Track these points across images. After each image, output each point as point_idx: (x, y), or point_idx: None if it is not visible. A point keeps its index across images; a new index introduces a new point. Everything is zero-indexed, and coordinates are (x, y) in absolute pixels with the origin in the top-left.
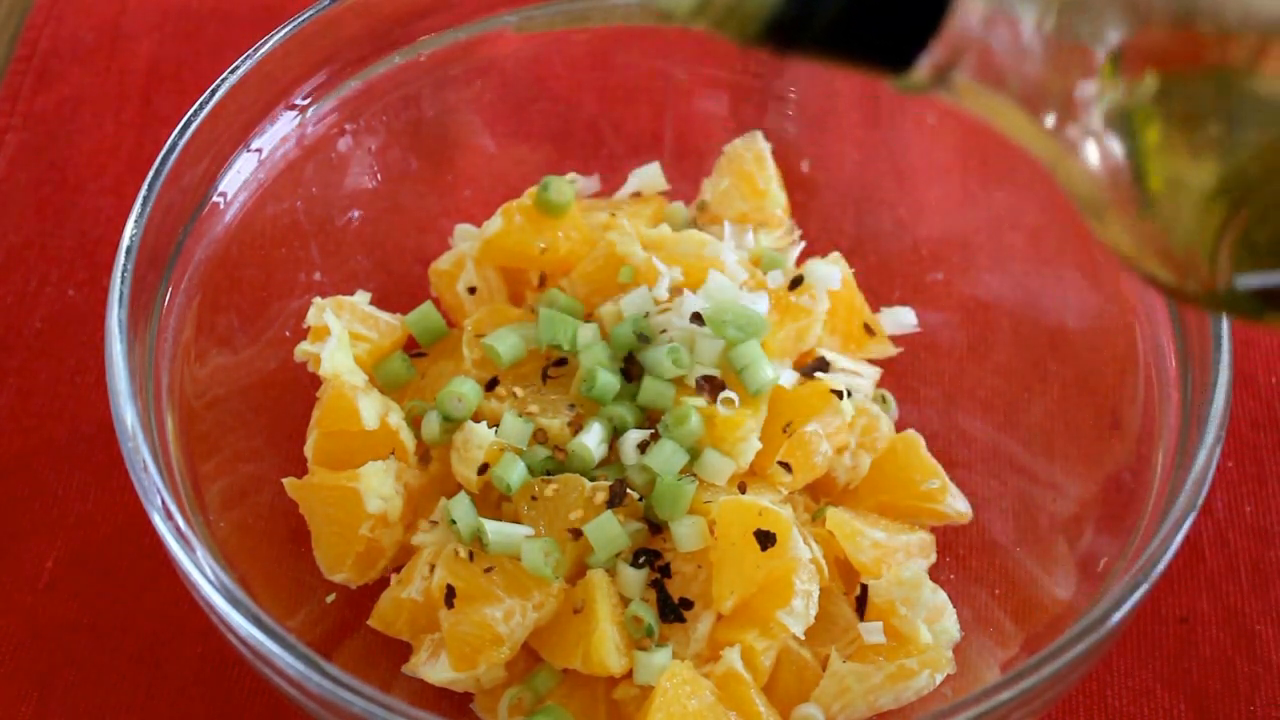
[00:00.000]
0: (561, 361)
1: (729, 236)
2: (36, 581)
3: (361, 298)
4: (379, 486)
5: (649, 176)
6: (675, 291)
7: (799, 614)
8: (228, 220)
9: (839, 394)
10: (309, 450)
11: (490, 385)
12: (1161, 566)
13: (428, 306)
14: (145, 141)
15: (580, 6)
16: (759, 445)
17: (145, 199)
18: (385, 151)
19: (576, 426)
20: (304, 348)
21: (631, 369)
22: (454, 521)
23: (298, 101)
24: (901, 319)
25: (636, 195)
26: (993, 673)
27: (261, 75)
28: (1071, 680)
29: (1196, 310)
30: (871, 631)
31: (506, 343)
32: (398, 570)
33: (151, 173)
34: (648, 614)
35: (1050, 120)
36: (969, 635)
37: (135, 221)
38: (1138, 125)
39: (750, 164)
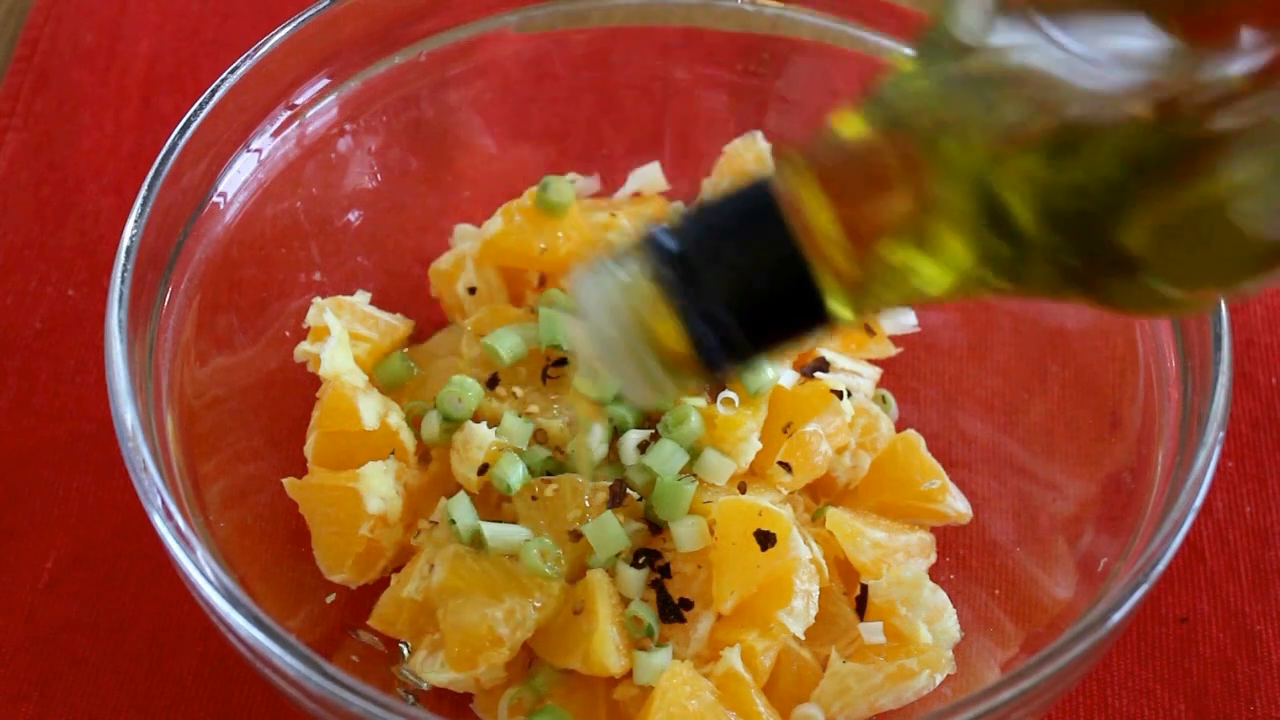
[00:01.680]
0: (561, 361)
1: None
2: (36, 581)
3: (361, 298)
4: (379, 486)
5: (649, 176)
6: None
7: (799, 614)
8: (228, 220)
9: (839, 394)
10: (309, 450)
11: (491, 383)
12: (1161, 566)
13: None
14: (145, 141)
15: (580, 6)
16: (759, 445)
17: (145, 199)
18: (385, 151)
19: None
20: (304, 348)
21: None
22: (454, 521)
23: (298, 101)
24: (901, 319)
25: (636, 195)
26: (993, 673)
27: (261, 75)
28: (1071, 680)
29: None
30: (871, 631)
31: (506, 343)
32: (398, 570)
33: (151, 173)
34: (648, 614)
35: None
36: (969, 635)
37: (135, 221)
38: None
39: (750, 164)
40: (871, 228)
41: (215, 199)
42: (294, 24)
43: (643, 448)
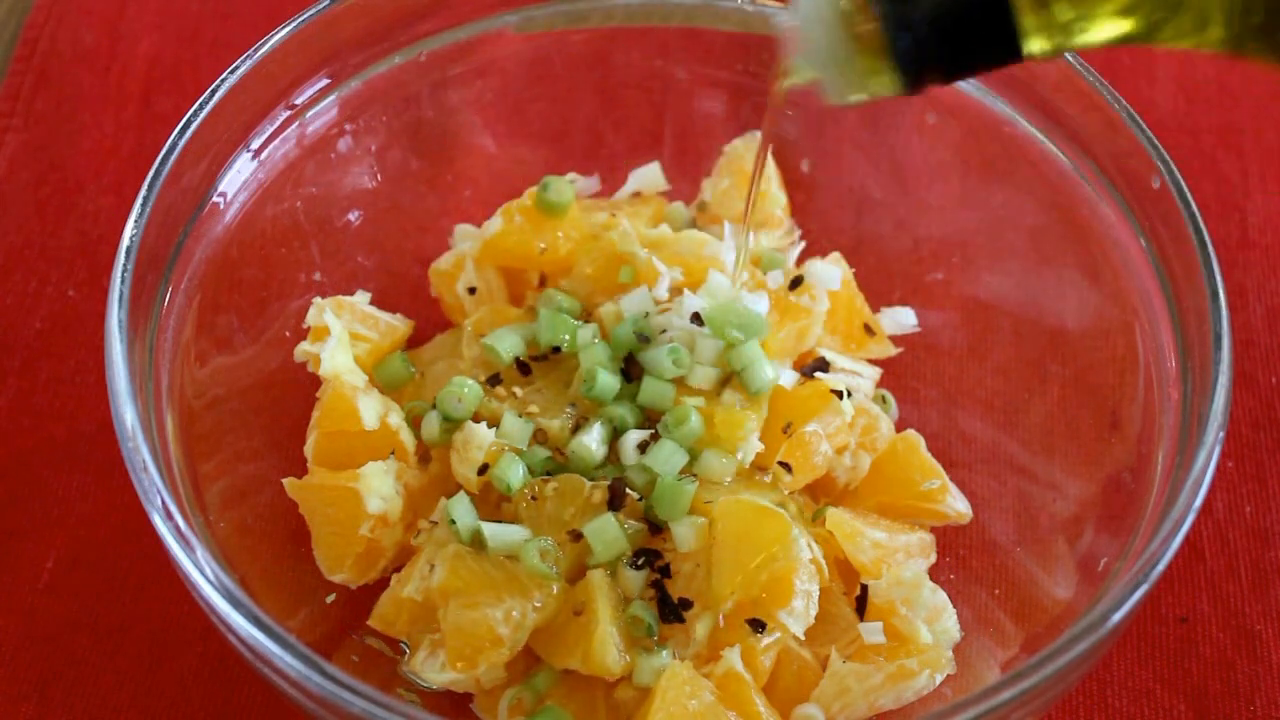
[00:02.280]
0: (555, 350)
1: (729, 236)
2: (36, 582)
3: (361, 298)
4: (379, 486)
5: (649, 176)
6: (675, 291)
7: (799, 614)
8: (228, 220)
9: (839, 394)
10: (309, 450)
11: (493, 380)
12: (1161, 566)
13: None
14: (145, 141)
15: (580, 6)
16: (759, 445)
17: (145, 199)
18: (385, 151)
19: (576, 427)
20: (304, 348)
21: (631, 369)
22: (454, 521)
23: (298, 101)
24: (901, 319)
25: (636, 195)
26: (993, 673)
27: (261, 75)
28: (1071, 680)
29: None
30: (871, 631)
31: (506, 343)
32: (398, 570)
33: (151, 173)
34: (648, 614)
35: None
36: (969, 635)
37: (135, 221)
38: None
39: (750, 164)
40: None
41: (215, 199)
42: (294, 24)
43: (643, 448)
